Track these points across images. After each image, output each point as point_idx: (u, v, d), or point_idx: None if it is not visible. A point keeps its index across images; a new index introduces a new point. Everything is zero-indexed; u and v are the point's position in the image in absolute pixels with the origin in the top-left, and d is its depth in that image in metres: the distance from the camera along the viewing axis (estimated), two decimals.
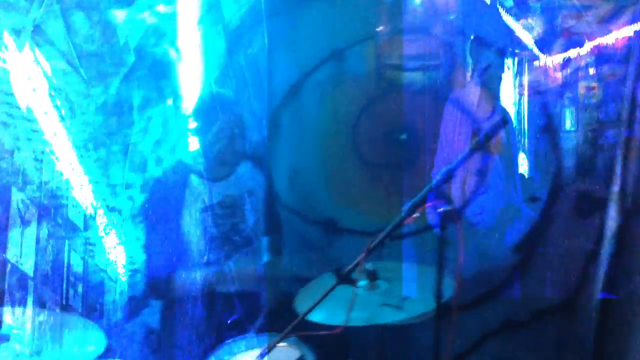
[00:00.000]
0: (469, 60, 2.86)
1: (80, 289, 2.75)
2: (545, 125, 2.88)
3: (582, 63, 2.74)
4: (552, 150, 2.87)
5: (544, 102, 2.91)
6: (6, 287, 2.17)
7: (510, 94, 2.93)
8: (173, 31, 3.20)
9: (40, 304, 2.04)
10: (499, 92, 2.82)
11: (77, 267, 2.71)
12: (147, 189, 3.02)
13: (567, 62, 2.80)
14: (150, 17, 3.04)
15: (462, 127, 2.70)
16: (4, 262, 2.33)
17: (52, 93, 2.55)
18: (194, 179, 2.47)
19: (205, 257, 2.47)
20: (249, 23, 3.27)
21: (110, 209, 2.87)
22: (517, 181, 2.86)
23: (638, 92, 2.52)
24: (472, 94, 2.70)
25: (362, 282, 1.93)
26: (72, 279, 2.66)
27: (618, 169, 2.55)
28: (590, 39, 2.70)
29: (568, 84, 2.83)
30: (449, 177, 1.53)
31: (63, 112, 2.61)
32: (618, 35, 2.61)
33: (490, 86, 2.74)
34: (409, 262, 2.26)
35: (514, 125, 2.89)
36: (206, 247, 2.46)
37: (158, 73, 3.08)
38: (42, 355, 1.45)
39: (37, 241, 2.51)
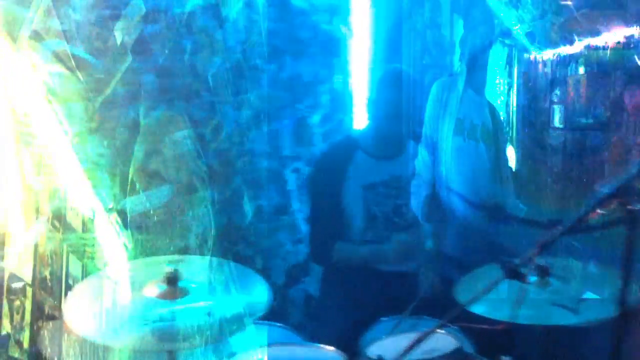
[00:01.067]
0: (457, 49, 2.75)
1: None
2: (534, 119, 2.78)
3: (572, 62, 2.61)
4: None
5: (532, 96, 2.81)
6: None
7: (501, 85, 2.84)
8: (346, 9, 3.23)
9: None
10: (484, 83, 2.66)
11: None
12: (313, 162, 3.12)
13: (557, 59, 2.67)
14: None
15: (448, 112, 2.58)
16: None
17: None
18: (359, 156, 2.48)
19: (364, 235, 2.48)
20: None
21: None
22: (508, 174, 2.72)
23: (626, 95, 2.36)
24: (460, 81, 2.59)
25: (532, 278, 1.81)
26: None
27: None
28: (581, 38, 2.55)
29: (557, 81, 2.69)
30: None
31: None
32: (609, 37, 2.43)
33: (477, 76, 2.59)
34: (589, 261, 2.07)
35: (502, 118, 2.75)
36: (366, 225, 2.46)
37: (330, 50, 3.13)
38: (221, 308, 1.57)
39: None
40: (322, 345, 1.89)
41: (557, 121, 2.77)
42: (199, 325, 1.54)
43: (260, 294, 1.71)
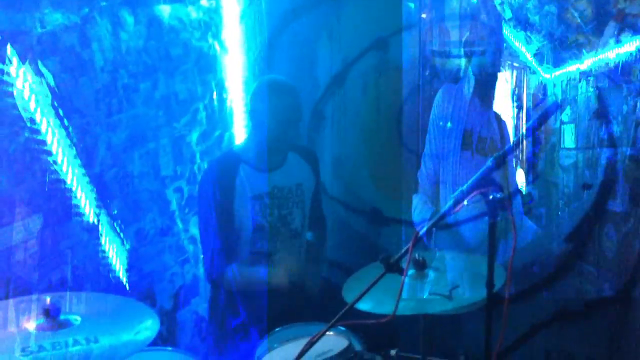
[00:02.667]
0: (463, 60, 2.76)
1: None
2: (544, 141, 2.81)
3: (582, 79, 2.64)
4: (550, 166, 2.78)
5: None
6: None
7: (509, 108, 2.83)
8: (217, 25, 3.25)
9: None
10: (493, 93, 2.68)
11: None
12: (196, 180, 3.08)
13: (566, 78, 2.70)
14: (194, 12, 3.09)
15: (454, 123, 2.58)
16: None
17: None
18: (243, 169, 2.49)
19: (253, 246, 2.50)
20: (291, 15, 3.28)
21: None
22: (515, 193, 2.73)
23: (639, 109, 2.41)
24: (466, 89, 2.58)
25: (410, 271, 1.93)
26: None
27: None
28: (590, 54, 2.60)
29: (567, 100, 2.72)
30: (499, 163, 1.50)
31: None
32: (619, 50, 2.48)
33: (484, 85, 2.61)
34: (457, 251, 2.24)
35: (508, 131, 2.75)
36: (254, 235, 2.49)
37: (203, 66, 3.12)
38: None
39: None
40: None
41: (568, 141, 2.74)
42: (86, 353, 1.47)
43: (146, 324, 1.67)
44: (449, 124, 2.58)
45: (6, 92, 2.19)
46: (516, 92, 2.82)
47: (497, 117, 2.66)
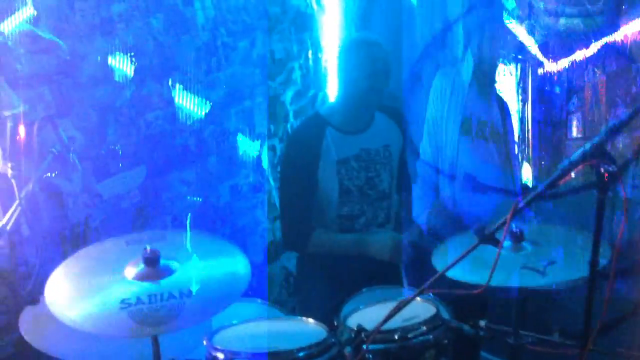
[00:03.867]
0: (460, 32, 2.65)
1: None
2: (551, 133, 2.64)
3: (589, 65, 2.48)
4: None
5: (548, 109, 2.66)
6: None
7: (514, 101, 2.68)
8: None
9: None
10: (493, 75, 2.55)
11: None
12: (285, 139, 3.12)
13: (572, 66, 2.53)
14: None
15: (452, 108, 2.48)
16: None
17: None
18: (329, 132, 2.48)
19: (339, 210, 2.49)
20: None
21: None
22: (516, 173, 2.62)
23: None
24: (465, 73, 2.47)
25: (507, 243, 1.85)
26: None
27: None
28: (597, 39, 2.43)
29: (574, 89, 2.56)
30: (615, 133, 1.39)
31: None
32: (629, 29, 2.32)
33: (484, 67, 2.49)
34: (559, 225, 2.13)
35: (511, 114, 2.62)
36: (340, 199, 2.48)
37: (300, 26, 3.11)
38: None
39: None
40: (302, 318, 1.92)
41: (575, 131, 2.65)
42: (180, 307, 1.54)
43: (241, 267, 1.71)
44: (446, 110, 2.49)
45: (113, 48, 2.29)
46: (521, 84, 2.68)
47: (499, 99, 2.55)
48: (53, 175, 2.11)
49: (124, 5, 2.32)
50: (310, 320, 1.88)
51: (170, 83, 2.49)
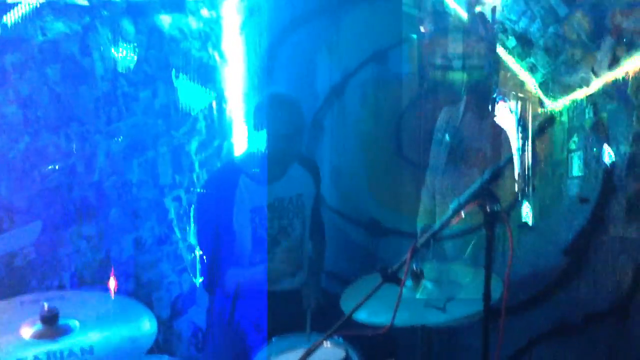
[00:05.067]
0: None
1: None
2: (551, 172, 2.75)
3: (589, 104, 2.60)
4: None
5: (549, 148, 2.75)
6: None
7: (514, 140, 2.80)
8: (217, 35, 3.27)
9: None
10: (488, 103, 2.72)
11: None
12: (198, 190, 3.09)
13: (573, 104, 2.65)
14: (195, 22, 3.11)
15: (445, 136, 2.65)
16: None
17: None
18: (243, 180, 2.50)
19: (253, 258, 2.50)
20: (291, 26, 3.30)
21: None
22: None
23: None
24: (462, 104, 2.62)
25: (408, 282, 1.93)
26: None
27: None
28: (598, 76, 2.54)
29: (574, 128, 2.66)
30: (497, 175, 1.51)
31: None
32: (630, 64, 2.44)
33: (479, 97, 2.67)
34: (455, 263, 2.24)
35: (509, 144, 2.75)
36: (254, 247, 2.48)
37: (203, 76, 3.14)
38: None
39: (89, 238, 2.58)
40: None
41: (576, 169, 2.66)
42: None
43: (145, 326, 1.67)
44: (440, 137, 2.65)
45: (6, 99, 2.21)
46: (521, 122, 2.78)
47: (495, 127, 2.69)
48: None
49: (18, 55, 2.25)
50: None
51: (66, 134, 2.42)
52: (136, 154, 2.82)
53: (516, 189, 2.75)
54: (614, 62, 2.49)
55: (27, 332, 1.54)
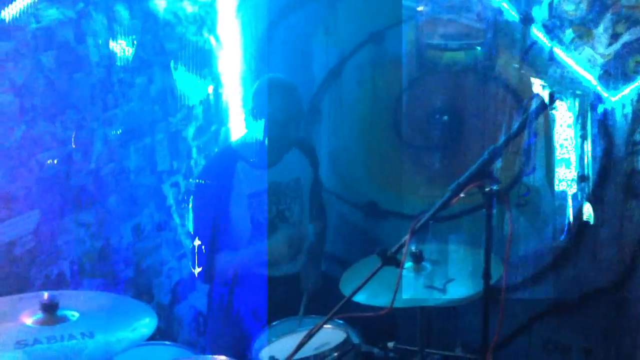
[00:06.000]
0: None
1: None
2: (612, 170, 2.62)
3: None
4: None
5: (611, 143, 2.63)
6: None
7: (572, 138, 2.68)
8: (213, 20, 3.24)
9: None
10: (542, 75, 2.68)
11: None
12: (192, 175, 3.08)
13: (636, 94, 2.53)
14: (190, 6, 3.08)
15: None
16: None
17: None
18: (241, 166, 2.50)
19: (250, 243, 2.50)
20: (287, 9, 3.27)
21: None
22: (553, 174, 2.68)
23: None
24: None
25: (408, 264, 1.94)
26: None
27: None
28: None
29: (638, 119, 2.54)
30: (495, 156, 1.51)
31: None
32: None
33: (535, 68, 2.62)
34: (455, 244, 2.25)
35: (554, 111, 2.65)
36: (252, 233, 2.49)
37: (199, 61, 3.12)
38: None
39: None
40: (214, 357, 1.89)
41: None
42: (81, 347, 1.48)
43: (143, 321, 1.68)
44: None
45: (1, 87, 2.19)
46: (579, 120, 2.67)
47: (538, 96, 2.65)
48: None
49: (12, 43, 2.23)
50: (222, 357, 1.85)
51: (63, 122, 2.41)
52: (133, 140, 2.81)
53: (575, 189, 2.66)
54: None
55: (27, 319, 1.56)
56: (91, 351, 1.48)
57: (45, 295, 1.59)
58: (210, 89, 3.24)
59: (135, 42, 2.77)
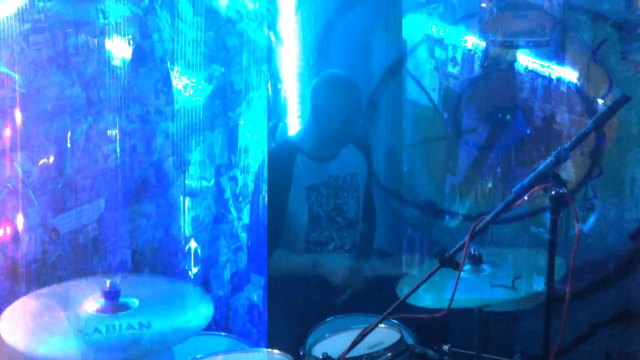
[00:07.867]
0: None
1: None
2: None
3: None
4: None
5: None
6: None
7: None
8: (273, 16, 3.26)
9: None
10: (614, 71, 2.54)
11: None
12: (249, 169, 3.12)
13: None
14: (251, 3, 3.11)
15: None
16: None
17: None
18: (300, 159, 2.52)
19: (308, 235, 2.51)
20: (346, 5, 3.26)
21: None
22: None
23: None
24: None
25: (467, 266, 1.89)
26: None
27: None
28: None
29: None
30: (562, 158, 1.45)
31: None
32: None
33: (606, 64, 2.52)
34: (517, 247, 2.18)
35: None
36: (310, 225, 2.50)
37: (259, 57, 3.15)
38: None
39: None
40: (267, 349, 1.90)
41: None
42: (138, 337, 1.52)
43: (200, 308, 1.71)
44: None
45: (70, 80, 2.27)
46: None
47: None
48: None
49: (81, 38, 2.31)
50: (276, 351, 1.87)
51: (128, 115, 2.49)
52: (194, 134, 2.86)
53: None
54: None
55: (88, 306, 1.61)
56: (148, 341, 1.51)
57: (107, 283, 1.63)
58: (269, 85, 3.27)
59: (197, 38, 2.82)
